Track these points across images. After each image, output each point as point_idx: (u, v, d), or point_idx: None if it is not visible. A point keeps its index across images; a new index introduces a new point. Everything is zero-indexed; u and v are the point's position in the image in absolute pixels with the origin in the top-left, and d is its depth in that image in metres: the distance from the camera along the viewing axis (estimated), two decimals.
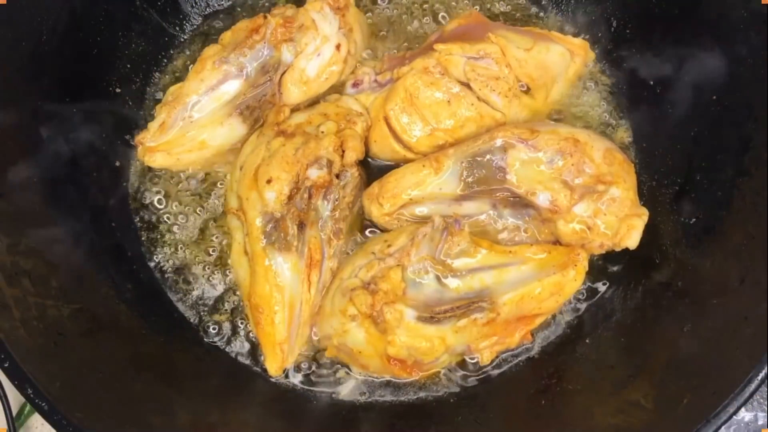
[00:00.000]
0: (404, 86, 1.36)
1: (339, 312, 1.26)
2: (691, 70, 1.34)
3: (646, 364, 1.22)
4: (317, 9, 1.42)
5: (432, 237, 1.25)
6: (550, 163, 1.29)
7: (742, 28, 1.23)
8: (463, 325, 1.23)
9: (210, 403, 1.27)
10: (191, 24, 1.61)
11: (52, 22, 1.32)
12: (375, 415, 1.33)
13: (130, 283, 1.38)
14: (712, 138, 1.31)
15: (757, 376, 1.02)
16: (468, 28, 1.46)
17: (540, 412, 1.27)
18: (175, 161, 1.42)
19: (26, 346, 1.07)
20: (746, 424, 1.43)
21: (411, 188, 1.32)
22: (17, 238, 1.17)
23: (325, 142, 1.31)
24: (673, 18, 1.38)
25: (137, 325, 1.32)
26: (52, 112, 1.34)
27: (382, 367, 1.29)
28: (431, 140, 1.38)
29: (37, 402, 1.03)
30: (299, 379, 1.36)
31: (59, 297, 1.19)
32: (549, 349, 1.38)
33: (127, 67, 1.51)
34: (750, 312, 1.09)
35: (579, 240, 1.30)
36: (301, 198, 1.30)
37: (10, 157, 1.23)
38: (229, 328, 1.40)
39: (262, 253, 1.29)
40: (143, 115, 1.53)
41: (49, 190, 1.29)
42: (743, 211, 1.20)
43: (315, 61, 1.42)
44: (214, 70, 1.38)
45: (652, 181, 1.42)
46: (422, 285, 1.24)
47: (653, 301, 1.31)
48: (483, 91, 1.37)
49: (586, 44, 1.49)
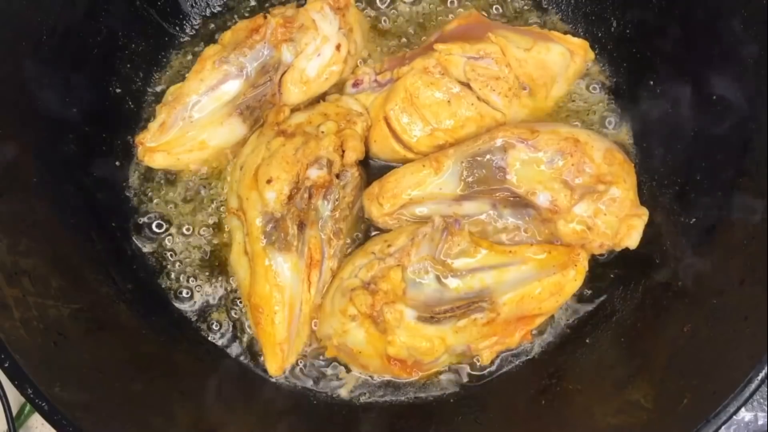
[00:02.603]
0: (404, 86, 1.36)
1: (339, 312, 1.26)
2: (691, 70, 1.34)
3: (646, 364, 1.22)
4: (317, 9, 1.42)
5: (432, 237, 1.25)
6: (550, 163, 1.29)
7: (742, 27, 1.23)
8: (463, 325, 1.23)
9: (210, 403, 1.27)
10: (191, 24, 1.61)
11: (52, 22, 1.32)
12: (375, 415, 1.33)
13: (130, 283, 1.38)
14: (712, 138, 1.31)
15: (757, 376, 1.02)
16: (468, 28, 1.46)
17: (540, 412, 1.27)
18: (175, 161, 1.42)
19: (26, 346, 1.07)
20: (746, 424, 1.43)
21: (411, 188, 1.32)
22: (17, 238, 1.17)
23: (325, 142, 1.32)
24: (673, 18, 1.38)
25: (137, 325, 1.32)
26: (52, 112, 1.34)
27: (382, 367, 1.29)
28: (431, 140, 1.38)
29: (37, 402, 1.03)
30: (299, 379, 1.36)
31: (59, 297, 1.19)
32: (549, 349, 1.37)
33: (127, 67, 1.51)
34: (750, 312, 1.09)
35: (579, 240, 1.30)
36: (301, 198, 1.30)
37: (10, 157, 1.23)
38: (229, 328, 1.40)
39: (262, 253, 1.29)
40: (143, 115, 1.53)
41: (49, 190, 1.29)
42: (743, 211, 1.20)
43: (315, 61, 1.42)
44: (214, 70, 1.39)
45: (652, 181, 1.42)
46: (422, 285, 1.24)
47: (653, 301, 1.31)
48: (483, 91, 1.37)
49: (586, 44, 1.49)
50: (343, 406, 1.35)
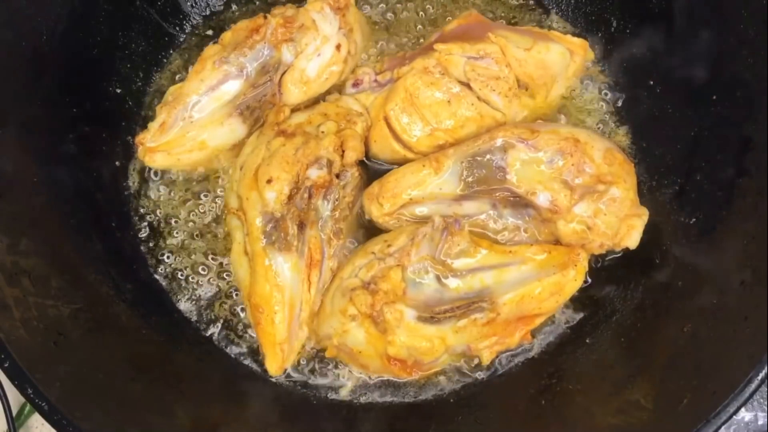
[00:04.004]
0: (404, 86, 1.36)
1: (339, 312, 1.26)
2: (691, 70, 1.34)
3: (646, 364, 1.22)
4: (317, 9, 1.42)
5: (432, 237, 1.25)
6: (550, 163, 1.29)
7: (742, 27, 1.23)
8: (463, 325, 1.23)
9: (210, 403, 1.27)
10: (191, 24, 1.61)
11: (52, 22, 1.32)
12: (375, 415, 1.33)
13: (130, 283, 1.38)
14: (712, 138, 1.31)
15: (757, 376, 1.02)
16: (468, 27, 1.46)
17: (540, 412, 1.27)
18: (175, 161, 1.42)
19: (26, 346, 1.07)
20: (746, 424, 1.43)
21: (411, 188, 1.32)
22: (17, 238, 1.17)
23: (325, 142, 1.32)
24: (673, 18, 1.38)
25: (137, 325, 1.32)
26: (52, 112, 1.34)
27: (382, 367, 1.29)
28: (431, 140, 1.38)
29: (37, 402, 1.03)
30: (299, 379, 1.36)
31: (59, 297, 1.19)
32: (549, 349, 1.37)
33: (127, 67, 1.51)
34: (750, 312, 1.09)
35: (579, 240, 1.30)
36: (301, 198, 1.30)
37: (9, 157, 1.23)
38: (229, 328, 1.40)
39: (262, 252, 1.29)
40: (143, 115, 1.53)
41: (49, 190, 1.29)
42: (743, 211, 1.20)
43: (315, 61, 1.42)
44: (215, 70, 1.39)
45: (652, 181, 1.42)
46: (422, 285, 1.24)
47: (653, 301, 1.31)
48: (483, 91, 1.37)
49: (586, 44, 1.49)
50: (343, 406, 1.35)
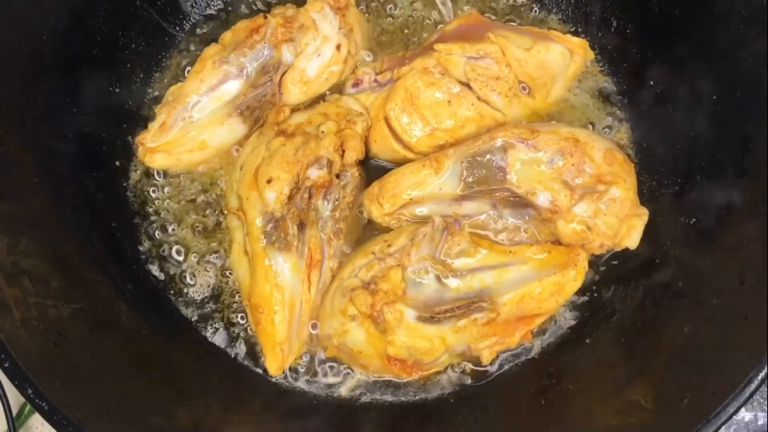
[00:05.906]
0: (404, 86, 1.36)
1: (339, 312, 1.26)
2: (691, 70, 1.34)
3: (646, 364, 1.22)
4: (317, 9, 1.42)
5: (432, 237, 1.25)
6: (550, 163, 1.29)
7: (742, 27, 1.23)
8: (463, 325, 1.23)
9: (210, 403, 1.27)
10: (191, 24, 1.61)
11: (52, 22, 1.32)
12: (375, 415, 1.33)
13: (130, 283, 1.38)
14: (712, 138, 1.31)
15: (757, 376, 1.02)
16: (468, 28, 1.46)
17: (540, 412, 1.27)
18: (175, 161, 1.42)
19: (26, 346, 1.07)
20: (746, 424, 1.43)
21: (411, 188, 1.32)
22: (17, 238, 1.17)
23: (325, 142, 1.32)
24: (673, 18, 1.38)
25: (137, 325, 1.32)
26: (52, 113, 1.34)
27: (382, 367, 1.29)
28: (431, 140, 1.38)
29: (37, 402, 1.03)
30: (299, 379, 1.36)
31: (59, 297, 1.18)
32: (549, 349, 1.37)
33: (127, 67, 1.51)
34: (750, 312, 1.09)
35: (579, 240, 1.30)
36: (301, 198, 1.30)
37: (10, 157, 1.23)
38: (229, 328, 1.40)
39: (262, 253, 1.29)
40: (143, 115, 1.53)
41: (49, 190, 1.29)
42: (743, 211, 1.20)
43: (315, 62, 1.42)
44: (215, 70, 1.39)
45: (652, 181, 1.42)
46: (422, 285, 1.24)
47: (653, 301, 1.31)
48: (483, 91, 1.37)
49: (586, 44, 1.49)
50: (343, 406, 1.35)
